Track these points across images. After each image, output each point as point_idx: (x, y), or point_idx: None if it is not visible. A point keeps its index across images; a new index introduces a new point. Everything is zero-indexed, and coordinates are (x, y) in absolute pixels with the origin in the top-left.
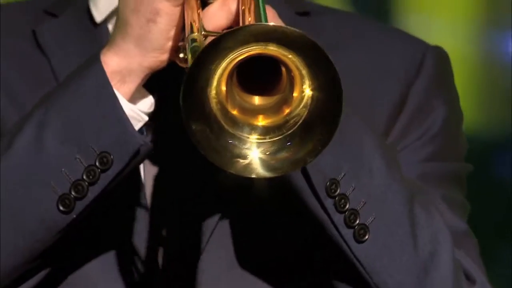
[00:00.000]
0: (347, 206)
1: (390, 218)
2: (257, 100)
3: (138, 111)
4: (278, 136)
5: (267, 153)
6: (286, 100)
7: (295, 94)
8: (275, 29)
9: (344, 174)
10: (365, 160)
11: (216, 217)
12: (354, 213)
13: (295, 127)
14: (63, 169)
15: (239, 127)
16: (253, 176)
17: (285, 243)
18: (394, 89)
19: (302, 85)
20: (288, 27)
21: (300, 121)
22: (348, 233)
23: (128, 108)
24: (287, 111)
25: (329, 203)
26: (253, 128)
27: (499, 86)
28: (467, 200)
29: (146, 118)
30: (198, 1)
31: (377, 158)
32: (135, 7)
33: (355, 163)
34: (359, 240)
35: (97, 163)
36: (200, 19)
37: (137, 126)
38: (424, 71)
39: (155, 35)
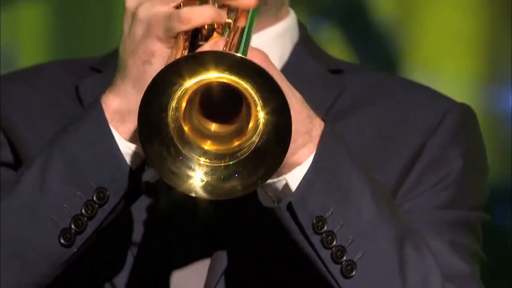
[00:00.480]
0: (334, 243)
1: (379, 256)
2: (213, 126)
3: (135, 148)
4: (227, 162)
5: (214, 176)
6: (241, 130)
7: (250, 124)
8: (224, 56)
9: (332, 212)
10: (353, 198)
11: (207, 260)
12: (341, 249)
13: (247, 154)
14: (64, 205)
15: (192, 149)
16: (194, 195)
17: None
18: (413, 141)
19: (256, 112)
20: (236, 54)
21: (253, 148)
22: (335, 268)
23: (125, 146)
24: (237, 143)
25: (315, 239)
26: (204, 152)
27: (499, 140)
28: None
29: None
30: (187, 43)
31: (366, 196)
32: (133, 49)
33: (343, 201)
34: (346, 275)
35: (94, 198)
36: None
37: (135, 163)
38: (444, 126)
39: (150, 76)
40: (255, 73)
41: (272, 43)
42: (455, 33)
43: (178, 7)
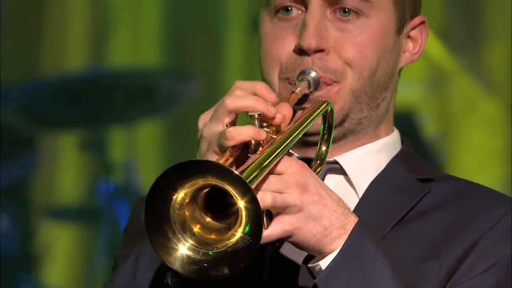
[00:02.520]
0: None
1: None
2: (208, 219)
3: None
4: (207, 250)
5: (193, 257)
6: (227, 230)
7: (234, 229)
8: (207, 164)
9: None
10: (375, 282)
11: None
12: None
13: (221, 251)
14: None
15: (184, 230)
16: (178, 270)
17: None
18: (471, 236)
19: (240, 223)
20: (234, 171)
21: (228, 248)
22: None
23: None
24: (219, 238)
25: None
26: (193, 234)
27: None
28: None
29: None
30: (234, 154)
31: (387, 283)
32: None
33: (365, 284)
34: None
35: (168, 281)
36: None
37: None
38: (499, 225)
39: None
40: (247, 196)
41: (369, 157)
42: (487, 148)
43: (234, 122)
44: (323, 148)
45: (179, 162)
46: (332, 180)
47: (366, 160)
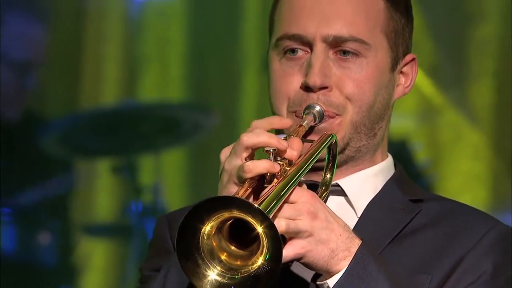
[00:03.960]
0: None
1: None
2: (232, 247)
3: None
4: (233, 275)
5: (221, 281)
6: (250, 257)
7: (256, 256)
8: (231, 199)
9: None
10: None
11: None
12: None
13: (246, 275)
14: None
15: (212, 258)
16: None
17: None
18: (458, 252)
19: (262, 250)
20: (254, 204)
21: (251, 273)
22: None
23: None
24: (243, 263)
25: None
26: (220, 261)
27: None
28: None
29: None
30: (252, 185)
31: None
32: (220, 190)
33: None
34: None
35: None
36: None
37: None
38: (482, 241)
39: None
40: (265, 223)
41: (367, 180)
42: (471, 172)
43: (251, 156)
44: (328, 175)
45: (206, 198)
46: (334, 201)
47: (364, 183)
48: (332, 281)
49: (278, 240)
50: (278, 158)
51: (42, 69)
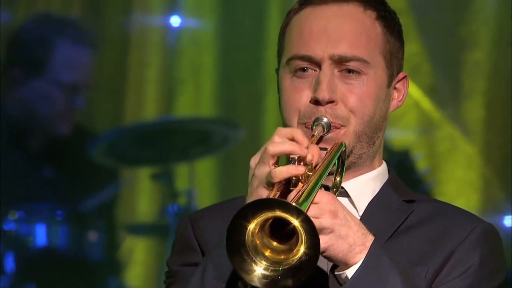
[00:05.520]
0: None
1: None
2: (274, 243)
3: None
4: (278, 267)
5: (268, 274)
6: (291, 250)
7: (296, 248)
8: (275, 201)
9: None
10: (389, 286)
11: None
12: None
13: (289, 266)
14: None
15: (258, 254)
16: (252, 284)
17: None
18: (449, 247)
19: (301, 242)
20: (291, 203)
21: (294, 263)
22: None
23: None
24: (285, 256)
25: None
26: (265, 257)
27: None
28: None
29: None
30: (281, 188)
31: (398, 285)
32: (251, 194)
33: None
34: None
35: None
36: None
37: None
38: (469, 237)
39: None
40: (302, 218)
41: (367, 183)
42: (464, 179)
43: (277, 162)
44: (338, 179)
45: (251, 201)
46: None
47: (365, 186)
48: (350, 272)
49: (315, 231)
50: (301, 163)
51: (90, 90)
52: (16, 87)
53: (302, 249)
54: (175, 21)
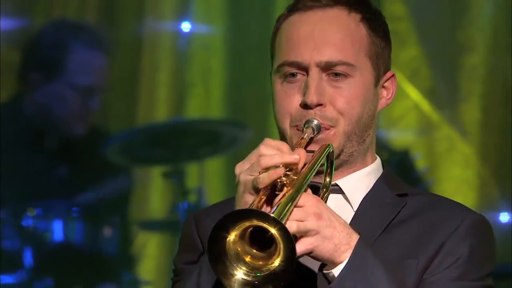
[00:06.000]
0: None
1: None
2: (254, 251)
3: None
4: (255, 273)
5: (248, 278)
6: (269, 257)
7: (274, 256)
8: (249, 211)
9: None
10: (374, 283)
11: None
12: None
13: (267, 273)
14: None
15: (238, 260)
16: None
17: None
18: (440, 239)
19: (278, 251)
20: (270, 214)
21: (271, 270)
22: None
23: None
24: (264, 263)
25: None
26: (245, 263)
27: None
28: None
29: None
30: (266, 193)
31: (383, 282)
32: (237, 200)
33: (367, 284)
34: None
35: None
36: None
37: None
38: (459, 229)
39: None
40: (279, 227)
41: (361, 180)
42: (462, 177)
43: (263, 171)
44: (327, 179)
45: (229, 212)
46: (334, 198)
47: (358, 182)
48: (336, 270)
49: (291, 241)
50: (285, 167)
51: (105, 92)
52: (34, 90)
53: (280, 257)
54: (185, 26)
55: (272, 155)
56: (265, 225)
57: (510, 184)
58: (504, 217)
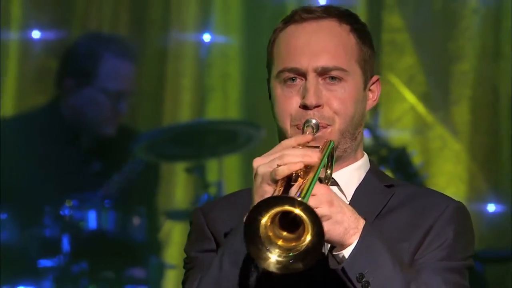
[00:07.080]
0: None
1: None
2: (284, 233)
3: None
4: (289, 254)
5: (282, 260)
6: (299, 238)
7: (304, 236)
8: (283, 197)
9: (367, 271)
10: (381, 263)
11: None
12: None
13: (299, 252)
14: (231, 278)
15: (271, 244)
16: (269, 269)
17: None
18: (427, 224)
19: (308, 230)
20: (296, 198)
21: (302, 249)
22: None
23: None
24: (295, 244)
25: (358, 285)
26: (278, 246)
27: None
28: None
29: None
30: (283, 184)
31: (388, 261)
32: (255, 190)
33: (374, 264)
34: None
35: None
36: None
37: None
38: (444, 215)
39: None
40: (306, 210)
41: (353, 173)
42: (453, 173)
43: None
44: (328, 171)
45: (263, 198)
46: None
47: (351, 175)
48: (347, 251)
49: (318, 218)
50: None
51: (133, 96)
52: (69, 94)
53: (308, 236)
54: (206, 37)
55: (295, 154)
56: (294, 209)
57: (496, 178)
58: (491, 208)
